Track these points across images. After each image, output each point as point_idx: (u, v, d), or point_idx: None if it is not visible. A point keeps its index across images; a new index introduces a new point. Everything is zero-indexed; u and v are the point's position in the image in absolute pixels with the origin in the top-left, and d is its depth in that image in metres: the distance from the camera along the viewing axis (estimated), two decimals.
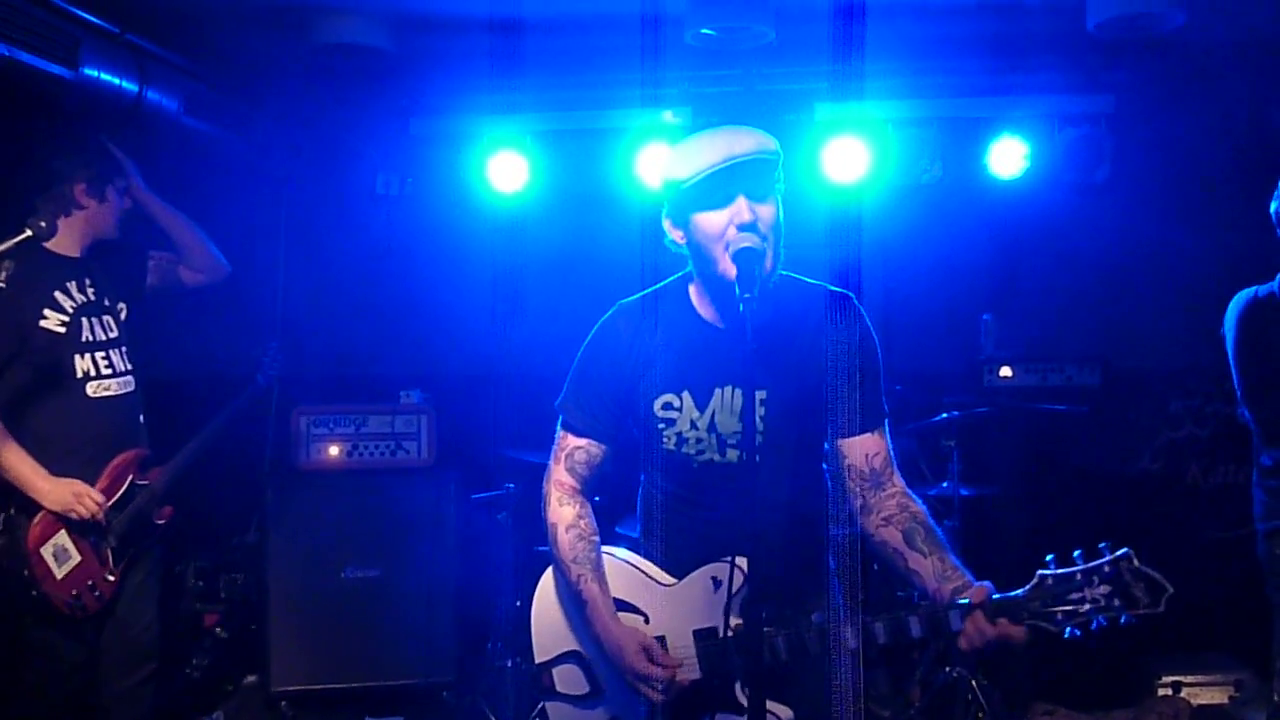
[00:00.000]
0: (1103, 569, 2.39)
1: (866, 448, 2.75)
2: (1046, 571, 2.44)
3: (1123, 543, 2.43)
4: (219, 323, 5.68)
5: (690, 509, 2.82)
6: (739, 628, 2.61)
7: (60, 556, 3.80)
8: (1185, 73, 5.34)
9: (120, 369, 4.00)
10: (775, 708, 2.58)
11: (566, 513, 2.87)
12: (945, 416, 5.27)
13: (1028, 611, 2.43)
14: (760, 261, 2.54)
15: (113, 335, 4.00)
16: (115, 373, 3.98)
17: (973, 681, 4.96)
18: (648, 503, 2.93)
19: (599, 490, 2.99)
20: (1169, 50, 5.03)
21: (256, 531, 5.49)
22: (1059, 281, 5.94)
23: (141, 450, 4.07)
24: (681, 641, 2.72)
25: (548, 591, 2.94)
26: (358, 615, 5.31)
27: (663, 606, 2.77)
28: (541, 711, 2.92)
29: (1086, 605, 2.39)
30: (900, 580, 2.65)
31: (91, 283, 3.99)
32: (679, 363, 2.77)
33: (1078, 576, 2.40)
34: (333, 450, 5.48)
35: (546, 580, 2.96)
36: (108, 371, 3.95)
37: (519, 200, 5.67)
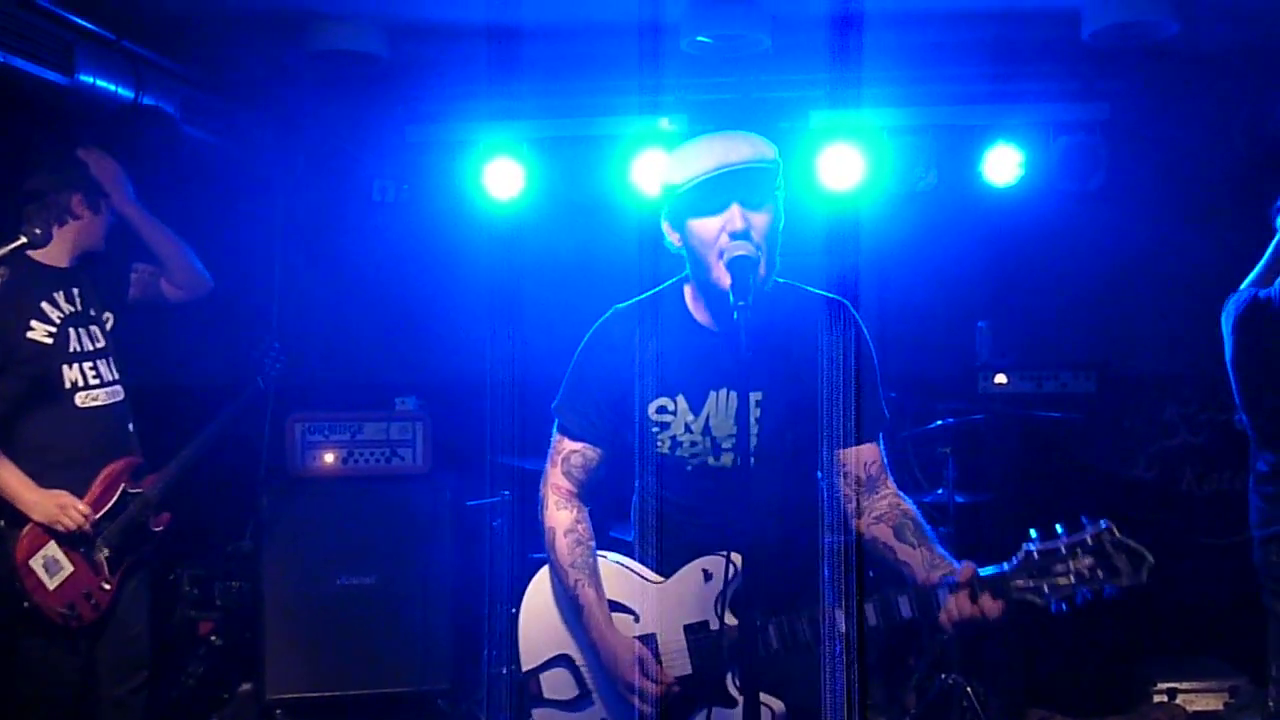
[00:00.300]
0: (1085, 541, 2.44)
1: (864, 456, 2.78)
2: (1032, 546, 2.48)
3: None
4: (215, 329, 5.67)
5: (683, 513, 2.83)
6: (732, 627, 2.62)
7: (51, 568, 3.79)
8: (1179, 81, 5.35)
9: (108, 379, 3.99)
10: (767, 700, 2.58)
11: (564, 517, 2.87)
12: (940, 423, 5.28)
13: (1014, 585, 2.46)
14: (754, 269, 2.55)
15: (100, 346, 3.99)
16: (103, 382, 3.97)
17: (968, 688, 4.96)
18: (642, 507, 2.93)
19: (594, 495, 2.99)
20: (1163, 58, 5.04)
21: (251, 539, 5.48)
22: (1054, 288, 5.95)
23: (133, 459, 4.06)
24: (672, 637, 2.73)
25: (538, 596, 2.94)
26: (353, 622, 5.30)
27: (653, 604, 2.78)
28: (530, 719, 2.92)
29: (1071, 577, 2.43)
30: (893, 576, 2.68)
31: (79, 293, 3.98)
32: (674, 366, 2.78)
33: (1061, 549, 2.45)
34: (328, 457, 5.47)
35: (536, 585, 2.96)
36: (95, 382, 3.94)
37: (515, 207, 5.67)
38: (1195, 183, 5.66)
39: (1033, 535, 2.50)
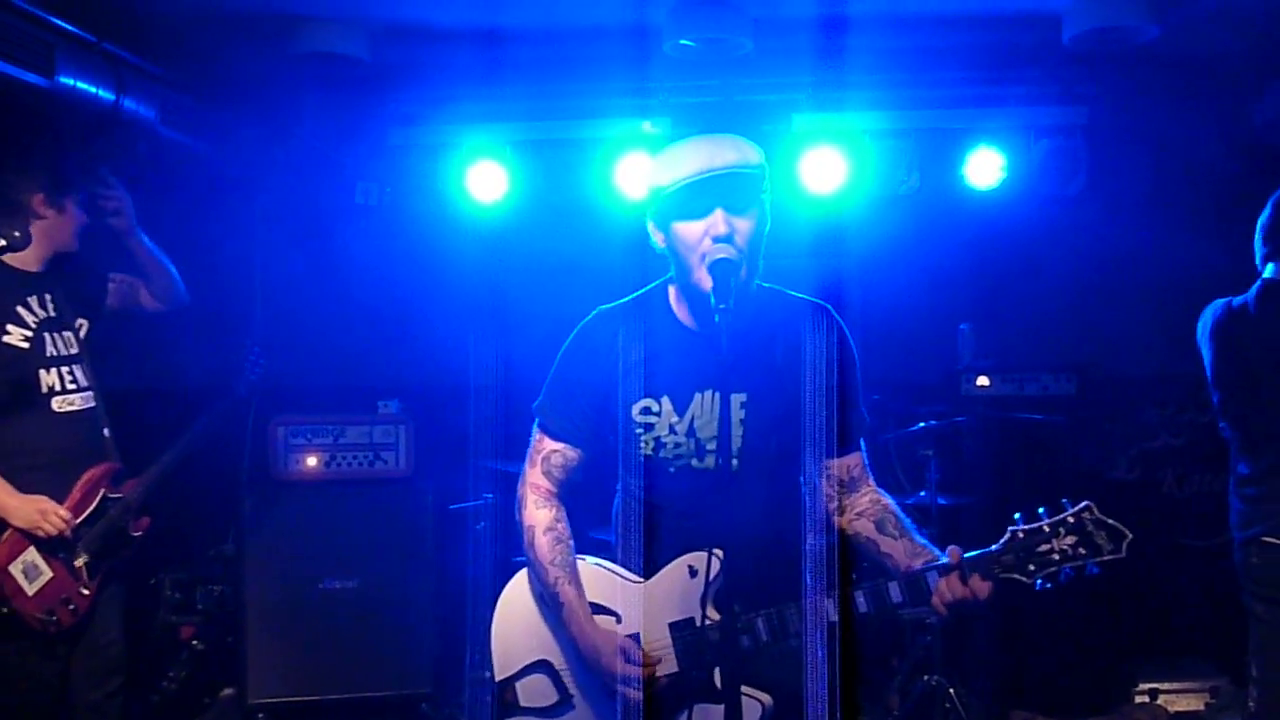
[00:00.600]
0: (1067, 520, 2.58)
1: (846, 461, 2.83)
2: (1016, 527, 2.59)
3: None
4: (196, 334, 5.65)
5: (667, 514, 2.83)
6: (717, 623, 2.62)
7: (30, 573, 3.77)
8: (1159, 85, 5.38)
9: (83, 384, 3.97)
10: (756, 694, 2.59)
11: (543, 515, 2.86)
12: (923, 426, 5.30)
13: (1001, 565, 2.55)
14: (735, 273, 2.55)
15: (74, 351, 3.98)
16: (79, 388, 3.95)
17: (951, 689, 4.98)
18: (625, 508, 2.93)
19: (573, 495, 2.98)
20: (1143, 62, 5.07)
21: (234, 543, 5.46)
22: (1035, 291, 5.97)
23: (113, 464, 4.05)
24: (657, 636, 2.73)
25: (513, 602, 2.93)
26: (336, 626, 5.28)
27: (636, 604, 2.77)
28: None
29: (1055, 555, 2.55)
30: (878, 569, 2.71)
31: (52, 299, 3.96)
32: (658, 367, 2.78)
33: (1045, 528, 2.57)
34: (311, 461, 5.45)
35: (510, 592, 2.94)
36: (72, 387, 3.93)
37: (498, 210, 5.66)
38: (1175, 186, 5.69)
39: (1016, 518, 2.60)
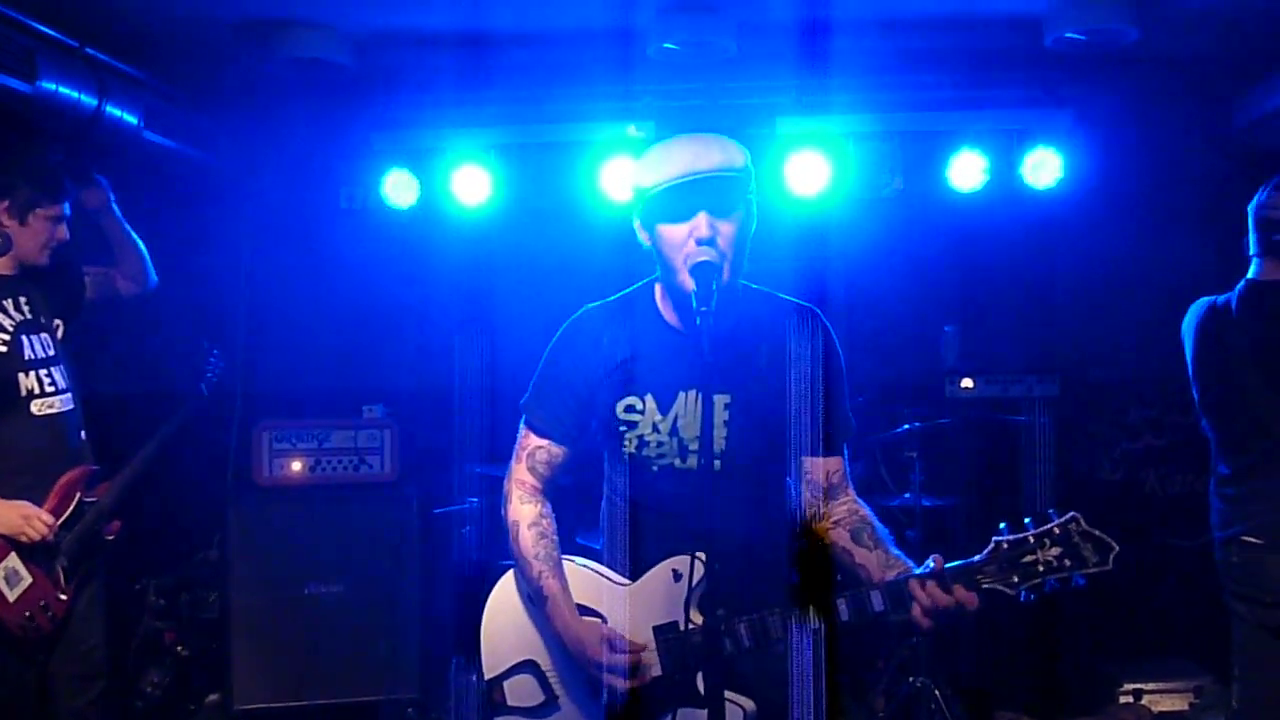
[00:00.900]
0: (1053, 531, 2.51)
1: (828, 465, 2.82)
2: (1001, 537, 2.54)
3: None
4: (178, 336, 5.64)
5: (651, 514, 2.83)
6: (701, 627, 2.62)
7: (11, 579, 3.74)
8: (1141, 87, 5.41)
9: (61, 386, 3.95)
10: (738, 699, 2.59)
11: (528, 511, 2.87)
12: (907, 427, 5.31)
13: (984, 575, 2.51)
14: (717, 276, 2.55)
15: (51, 353, 3.95)
16: (58, 390, 3.93)
17: (936, 690, 4.99)
18: (609, 509, 2.94)
19: (558, 493, 2.98)
20: (1125, 65, 5.10)
21: (218, 548, 5.44)
22: (1018, 293, 5.99)
23: (88, 467, 4.03)
24: (641, 639, 2.72)
25: (501, 602, 2.93)
26: (321, 632, 5.27)
27: (621, 606, 2.77)
28: None
29: (1040, 566, 2.49)
30: (850, 578, 2.71)
31: (27, 301, 3.94)
32: (643, 366, 2.78)
33: (1030, 539, 2.52)
34: (295, 465, 5.44)
35: (499, 592, 2.94)
36: (51, 389, 3.90)
37: (483, 213, 5.66)
38: (1157, 188, 5.72)
39: (1001, 528, 2.56)
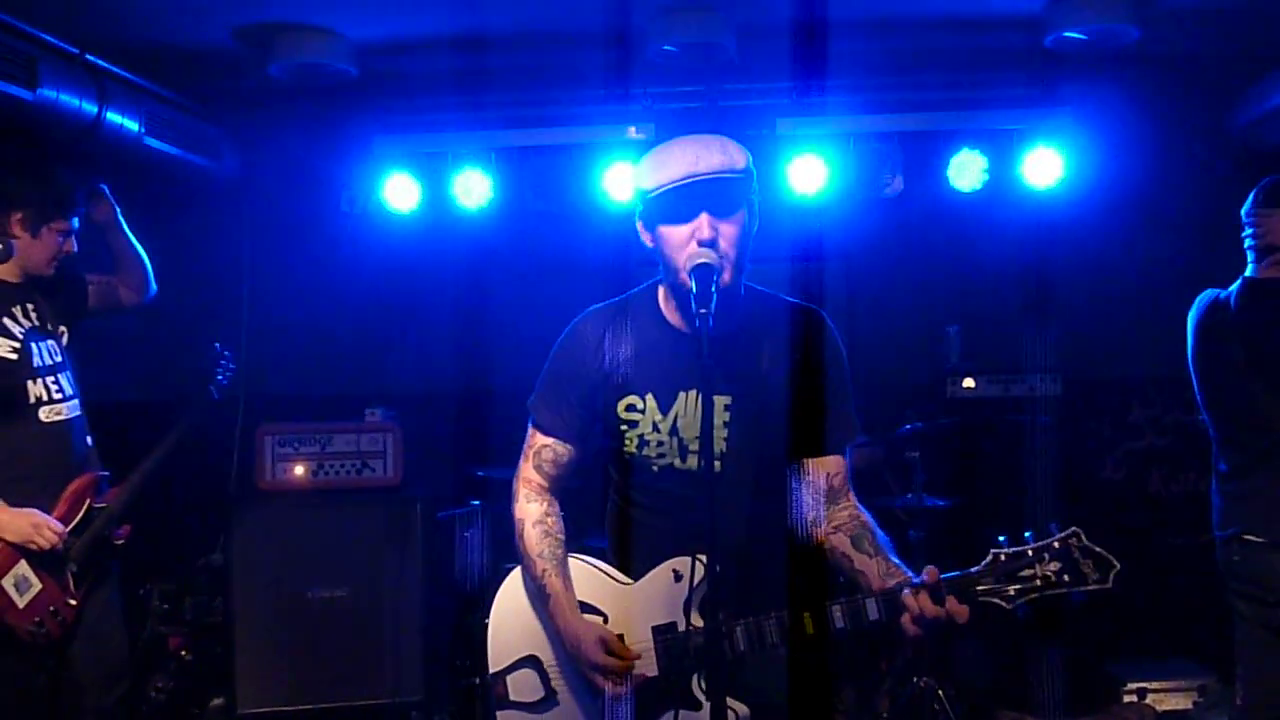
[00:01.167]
0: (1053, 546, 2.48)
1: (829, 467, 2.81)
2: (999, 549, 2.52)
3: None
4: (182, 342, 5.65)
5: (651, 514, 2.83)
6: (699, 629, 2.62)
7: (21, 586, 3.75)
8: (1140, 87, 5.42)
9: (68, 393, 3.97)
10: (733, 704, 2.59)
11: (534, 509, 2.88)
12: (909, 428, 5.32)
13: (981, 587, 2.49)
14: (717, 277, 2.56)
15: (58, 360, 3.97)
16: (65, 397, 3.94)
17: (939, 691, 4.99)
18: (611, 508, 2.95)
19: (567, 492, 2.99)
20: (1124, 65, 5.11)
21: (222, 553, 5.44)
22: (1019, 293, 5.99)
23: (96, 474, 4.04)
24: (640, 638, 2.73)
25: (508, 598, 2.94)
26: (325, 635, 5.27)
27: (622, 604, 2.78)
28: None
29: (1038, 580, 2.47)
30: (849, 584, 2.70)
31: (34, 308, 3.96)
32: (645, 365, 2.79)
33: (1029, 553, 2.49)
34: (298, 469, 5.44)
35: (507, 588, 2.95)
36: (59, 396, 3.92)
37: (484, 216, 5.66)
38: (1159, 186, 5.72)
39: (1000, 540, 2.53)
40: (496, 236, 5.91)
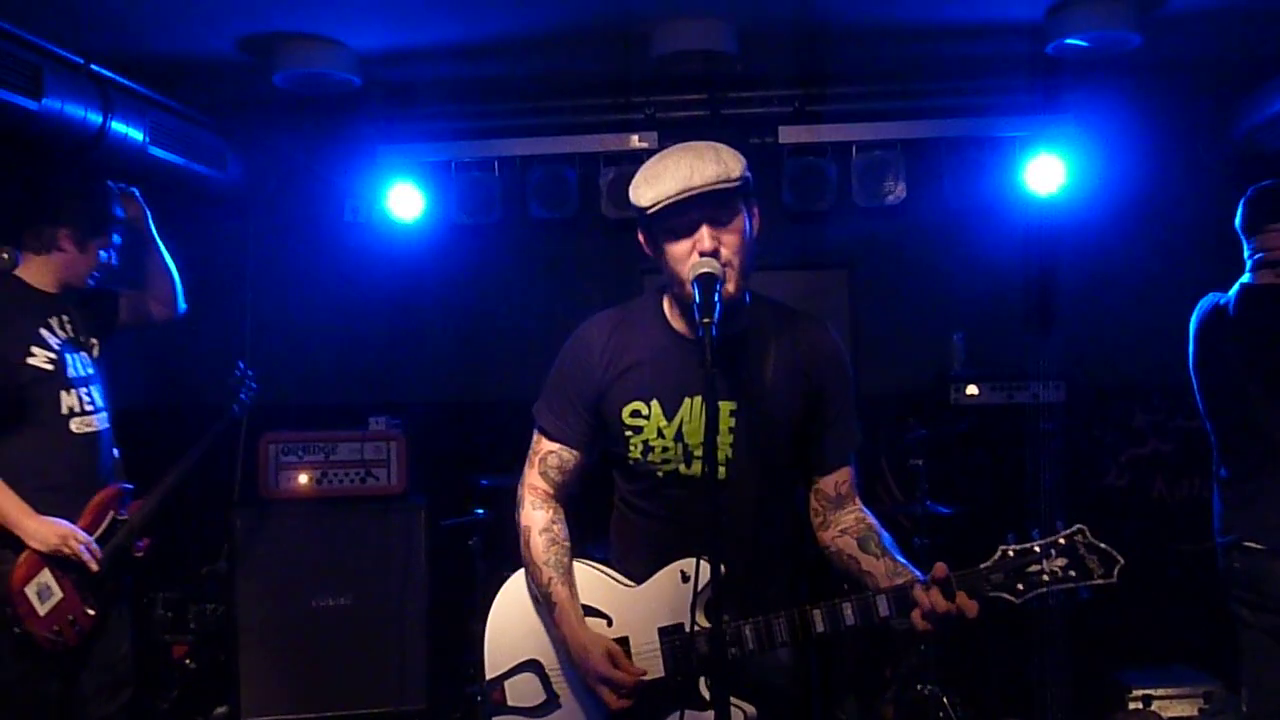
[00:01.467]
0: (1059, 542, 2.52)
1: (836, 476, 2.83)
2: (1007, 545, 2.55)
3: None
4: (189, 353, 5.68)
5: (654, 520, 2.83)
6: (706, 630, 2.63)
7: (44, 594, 3.77)
8: (1143, 93, 5.42)
9: (98, 405, 4.00)
10: (738, 704, 2.59)
11: (539, 516, 2.87)
12: (914, 435, 5.31)
13: (989, 582, 2.52)
14: (720, 286, 2.56)
15: (90, 372, 4.00)
16: (95, 409, 3.98)
17: (944, 698, 4.98)
18: (616, 513, 2.95)
19: (572, 498, 2.98)
20: (1127, 71, 5.12)
21: (225, 561, 5.45)
22: (1023, 299, 5.99)
23: (121, 486, 4.06)
24: (646, 639, 2.73)
25: (506, 604, 2.93)
26: (328, 644, 5.28)
27: (627, 607, 2.78)
28: None
29: (1045, 576, 2.51)
30: (856, 586, 2.71)
31: (69, 320, 3.99)
32: (649, 371, 2.79)
33: (1035, 549, 2.53)
34: (302, 478, 5.45)
35: (504, 594, 2.94)
36: (90, 408, 3.95)
37: (488, 225, 5.67)
38: (1161, 193, 5.72)
39: (1008, 537, 2.56)
40: (501, 244, 5.92)
